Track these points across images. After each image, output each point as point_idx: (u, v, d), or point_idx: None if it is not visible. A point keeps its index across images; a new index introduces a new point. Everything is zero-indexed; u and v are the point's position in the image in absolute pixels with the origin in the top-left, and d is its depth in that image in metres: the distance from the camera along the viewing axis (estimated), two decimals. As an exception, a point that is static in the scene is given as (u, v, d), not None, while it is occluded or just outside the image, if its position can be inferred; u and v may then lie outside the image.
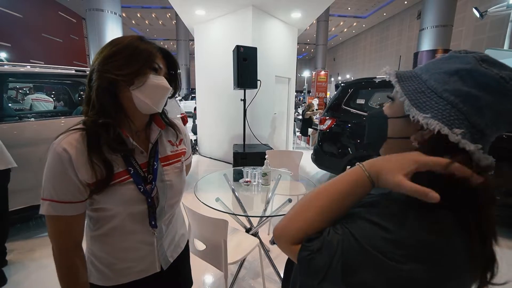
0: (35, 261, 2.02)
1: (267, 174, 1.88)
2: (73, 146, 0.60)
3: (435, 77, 0.40)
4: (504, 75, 0.35)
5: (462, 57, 0.39)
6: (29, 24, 8.84)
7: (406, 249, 0.35)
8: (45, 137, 2.32)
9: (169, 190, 0.74)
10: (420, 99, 0.39)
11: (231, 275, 1.81)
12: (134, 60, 0.62)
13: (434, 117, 0.37)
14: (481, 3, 8.94)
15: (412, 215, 0.37)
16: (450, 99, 0.37)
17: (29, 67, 2.48)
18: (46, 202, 0.60)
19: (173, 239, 0.81)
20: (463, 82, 0.37)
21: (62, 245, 0.63)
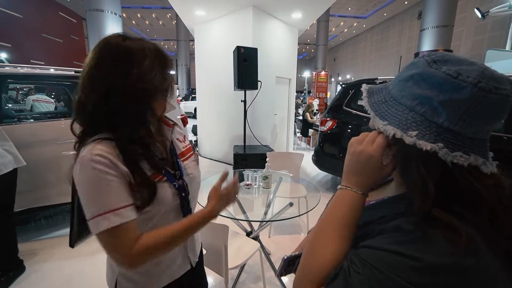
0: (35, 264, 2.00)
1: (268, 177, 1.86)
2: (106, 152, 0.56)
3: (396, 86, 0.42)
4: (451, 72, 0.35)
5: (416, 62, 0.41)
6: (29, 24, 8.84)
7: (439, 275, 0.33)
8: (44, 139, 2.31)
9: (192, 183, 0.76)
10: (382, 109, 0.42)
11: (231, 279, 1.79)
12: (167, 70, 0.64)
13: (391, 124, 0.39)
14: (482, 3, 8.92)
15: (436, 237, 0.34)
16: (407, 104, 0.39)
17: (29, 68, 2.46)
18: (97, 219, 0.54)
19: (194, 235, 0.84)
20: (418, 85, 0.38)
21: (128, 250, 0.56)
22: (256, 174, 1.97)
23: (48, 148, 2.30)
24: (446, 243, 0.33)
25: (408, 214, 0.39)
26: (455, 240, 0.33)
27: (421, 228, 0.35)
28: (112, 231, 0.54)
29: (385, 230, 0.39)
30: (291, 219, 2.09)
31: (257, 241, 1.68)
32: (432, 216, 0.35)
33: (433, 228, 0.35)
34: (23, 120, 2.65)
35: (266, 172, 1.87)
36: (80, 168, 0.55)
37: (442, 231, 0.34)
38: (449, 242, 0.33)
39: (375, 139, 0.42)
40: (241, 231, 1.82)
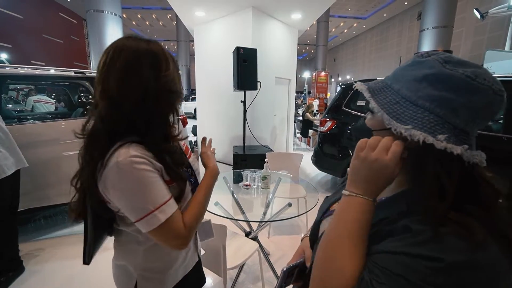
0: (35, 264, 2.01)
1: (266, 178, 1.87)
2: (141, 152, 0.58)
3: (407, 86, 0.40)
4: (469, 74, 0.36)
5: (425, 61, 0.40)
6: (29, 25, 8.85)
7: (457, 273, 0.32)
8: (45, 140, 2.31)
9: (198, 178, 0.81)
10: (397, 111, 0.40)
11: (230, 279, 1.79)
12: (178, 71, 0.66)
13: (416, 127, 0.37)
14: (481, 4, 8.93)
15: (450, 235, 0.34)
16: (426, 105, 0.38)
17: (29, 69, 2.47)
18: (154, 213, 0.57)
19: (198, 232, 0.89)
20: (433, 86, 0.38)
21: (180, 231, 0.61)
22: (255, 174, 1.97)
23: (49, 149, 2.31)
24: (459, 240, 0.33)
25: (413, 213, 0.38)
26: (467, 236, 0.33)
27: (431, 226, 0.35)
28: (165, 225, 0.58)
29: (394, 232, 0.38)
30: (290, 219, 2.09)
31: (256, 241, 1.69)
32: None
33: (442, 225, 0.35)
34: (23, 120, 2.65)
35: (265, 172, 1.87)
36: (120, 172, 0.55)
37: (452, 228, 0.34)
38: (462, 239, 0.33)
39: (390, 147, 0.40)
40: (240, 232, 1.83)
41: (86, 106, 3.69)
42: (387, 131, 0.42)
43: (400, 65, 0.46)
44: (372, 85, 0.46)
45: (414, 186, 0.41)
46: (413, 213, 0.38)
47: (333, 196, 0.61)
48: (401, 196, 0.44)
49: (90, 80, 2.69)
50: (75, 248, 2.22)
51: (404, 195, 0.43)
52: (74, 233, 2.48)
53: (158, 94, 0.60)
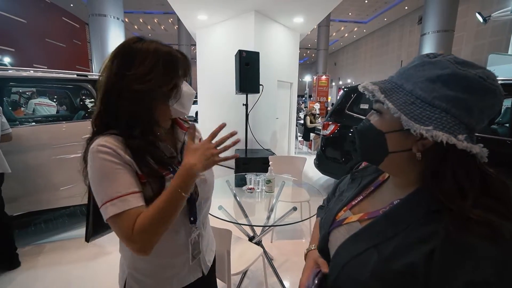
0: (35, 268, 1.98)
1: (271, 181, 1.84)
2: (111, 143, 0.58)
3: (420, 86, 0.40)
4: (481, 74, 0.37)
5: (437, 62, 0.40)
6: (32, 29, 8.93)
7: None
8: (45, 143, 2.29)
9: (203, 185, 0.74)
10: (414, 111, 0.39)
11: (233, 285, 1.75)
12: (171, 73, 0.62)
13: (436, 128, 0.37)
14: (483, 8, 8.96)
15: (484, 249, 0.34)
16: (442, 106, 0.38)
17: (32, 71, 2.47)
18: (106, 204, 0.56)
19: (208, 242, 0.82)
20: (448, 87, 0.38)
21: (128, 234, 0.56)
22: (259, 178, 1.95)
23: (49, 152, 2.29)
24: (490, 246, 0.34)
25: (436, 213, 0.39)
26: (495, 235, 0.34)
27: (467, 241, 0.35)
28: (118, 217, 0.55)
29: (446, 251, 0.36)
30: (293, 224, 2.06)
31: (260, 246, 1.65)
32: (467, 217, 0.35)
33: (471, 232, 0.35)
34: (25, 123, 2.64)
35: (269, 176, 1.85)
36: (90, 159, 0.58)
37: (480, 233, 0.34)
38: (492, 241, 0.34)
39: None
40: (244, 236, 1.79)
41: (88, 109, 3.68)
42: (402, 132, 0.41)
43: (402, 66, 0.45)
44: (382, 85, 0.44)
45: (430, 185, 0.40)
46: (437, 214, 0.38)
47: (336, 205, 0.59)
48: (417, 197, 0.43)
49: (92, 82, 2.68)
50: (75, 252, 2.19)
51: (420, 195, 0.42)
52: (74, 237, 2.45)
53: (121, 91, 0.59)
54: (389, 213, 0.45)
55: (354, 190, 0.58)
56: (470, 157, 0.37)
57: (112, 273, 1.80)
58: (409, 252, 0.39)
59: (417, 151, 0.41)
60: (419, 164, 0.42)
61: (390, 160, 0.45)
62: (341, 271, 0.47)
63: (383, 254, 0.41)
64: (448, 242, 0.36)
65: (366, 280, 0.42)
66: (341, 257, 0.48)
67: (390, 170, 0.49)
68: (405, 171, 0.45)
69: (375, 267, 0.41)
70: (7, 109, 2.68)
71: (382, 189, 0.54)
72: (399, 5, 13.88)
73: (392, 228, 0.43)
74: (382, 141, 0.44)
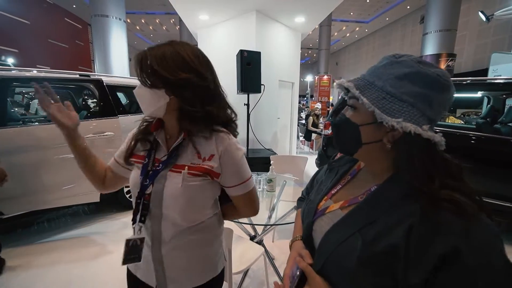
0: (31, 268, 1.99)
1: (272, 181, 1.84)
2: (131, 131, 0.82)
3: (389, 83, 0.45)
4: (438, 73, 0.43)
5: (403, 62, 0.45)
6: (36, 30, 8.98)
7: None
8: (48, 143, 2.30)
9: (165, 197, 0.69)
10: (385, 106, 0.44)
11: (234, 284, 1.76)
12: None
13: (406, 120, 0.42)
14: (485, 6, 8.91)
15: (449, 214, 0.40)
16: (409, 100, 0.43)
17: (35, 72, 2.49)
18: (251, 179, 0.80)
19: (182, 267, 0.73)
20: (413, 84, 0.43)
21: None
22: (260, 177, 1.95)
23: (52, 151, 2.30)
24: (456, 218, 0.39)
25: (411, 197, 0.43)
26: (460, 213, 0.39)
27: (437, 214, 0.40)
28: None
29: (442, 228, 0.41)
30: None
31: (261, 245, 1.65)
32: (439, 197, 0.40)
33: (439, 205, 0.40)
34: (28, 123, 2.66)
35: (271, 175, 1.85)
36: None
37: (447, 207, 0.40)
38: (458, 214, 0.39)
39: None
40: (245, 235, 1.80)
41: (90, 109, 3.70)
42: (375, 124, 0.46)
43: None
44: (357, 82, 0.48)
45: (403, 172, 0.45)
46: (411, 196, 0.43)
47: (317, 195, 0.62)
48: (392, 183, 0.47)
49: (94, 82, 2.70)
50: (77, 252, 2.20)
51: (395, 181, 0.47)
52: (76, 236, 2.46)
53: None
54: (368, 199, 0.49)
55: (332, 180, 0.62)
56: (432, 145, 0.42)
57: (113, 273, 1.82)
58: (390, 234, 0.42)
59: (387, 141, 0.46)
60: (390, 153, 0.47)
61: (364, 150, 0.49)
62: (327, 259, 0.49)
63: (367, 238, 0.45)
64: (422, 220, 0.40)
65: (353, 266, 0.44)
66: (327, 246, 0.50)
67: (364, 159, 0.54)
68: (378, 160, 0.50)
69: (360, 252, 0.44)
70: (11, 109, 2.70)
71: (359, 177, 0.58)
72: (401, 5, 13.82)
73: (373, 213, 0.46)
74: (357, 133, 0.49)
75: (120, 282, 1.77)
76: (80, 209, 2.98)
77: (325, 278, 0.49)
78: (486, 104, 3.40)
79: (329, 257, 0.49)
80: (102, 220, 2.73)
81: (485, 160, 2.47)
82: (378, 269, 0.43)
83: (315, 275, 0.50)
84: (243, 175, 0.75)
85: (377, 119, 0.44)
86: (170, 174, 0.70)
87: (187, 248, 0.72)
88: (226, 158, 0.71)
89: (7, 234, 2.46)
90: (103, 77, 2.80)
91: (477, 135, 2.52)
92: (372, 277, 0.43)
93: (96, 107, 3.17)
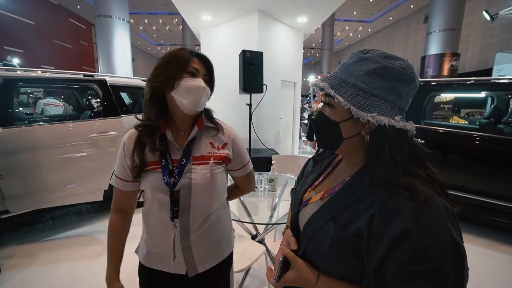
0: (36, 265, 2.01)
1: (273, 180, 1.85)
2: (129, 138, 0.77)
3: (361, 79, 0.48)
4: (403, 66, 0.46)
5: (371, 57, 0.48)
6: (40, 31, 9.06)
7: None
8: (55, 142, 2.33)
9: (194, 189, 0.75)
10: (359, 102, 0.47)
11: (236, 283, 1.77)
12: (170, 67, 0.72)
13: (380, 114, 0.45)
14: (490, 6, 8.81)
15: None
16: (380, 94, 0.46)
17: (40, 72, 2.52)
18: (114, 175, 0.79)
19: (207, 248, 0.81)
20: (382, 78, 0.46)
21: (112, 207, 0.82)
22: (262, 176, 1.96)
23: (56, 150, 2.33)
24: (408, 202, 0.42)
25: (377, 184, 0.47)
26: (415, 197, 0.42)
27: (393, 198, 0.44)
28: (114, 187, 0.83)
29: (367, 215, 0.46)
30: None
31: (263, 244, 1.66)
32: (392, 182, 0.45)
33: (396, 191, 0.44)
34: (33, 123, 2.70)
35: (272, 174, 1.85)
36: None
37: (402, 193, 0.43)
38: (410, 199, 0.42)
39: None
40: (246, 234, 1.81)
41: (94, 109, 3.74)
42: (352, 120, 0.49)
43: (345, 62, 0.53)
44: (331, 81, 0.51)
45: (372, 161, 0.49)
46: (378, 185, 0.47)
47: (302, 187, 0.67)
48: (363, 173, 0.51)
49: (98, 82, 2.73)
50: (80, 250, 2.23)
51: (365, 171, 0.51)
52: (80, 235, 2.49)
53: (146, 85, 0.78)
54: (343, 188, 0.54)
55: (316, 173, 0.66)
56: (404, 132, 0.46)
57: (117, 270, 1.83)
58: (358, 219, 0.47)
59: (365, 134, 0.49)
60: (366, 144, 0.50)
61: (344, 144, 0.52)
62: (307, 244, 0.56)
63: (339, 224, 0.50)
64: (382, 206, 0.44)
65: (326, 248, 0.50)
66: (307, 233, 0.56)
67: (344, 152, 0.57)
68: (355, 151, 0.53)
69: (333, 236, 0.49)
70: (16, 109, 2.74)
71: (338, 168, 0.62)
72: (404, 4, 13.72)
73: (346, 201, 0.51)
74: (337, 130, 0.51)
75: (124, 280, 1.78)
76: (83, 207, 3.01)
77: (307, 260, 0.55)
78: (490, 104, 3.37)
79: (309, 242, 0.55)
80: (106, 219, 2.75)
81: (488, 161, 2.46)
82: (348, 251, 0.48)
83: (297, 258, 0.56)
84: (245, 158, 0.91)
85: (353, 115, 0.47)
86: (195, 167, 0.76)
87: (210, 231, 0.81)
88: (235, 146, 0.85)
89: (12, 232, 2.50)
90: (106, 77, 2.83)
91: (480, 135, 2.51)
92: (343, 258, 0.49)
93: (100, 107, 3.20)
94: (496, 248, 2.39)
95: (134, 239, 0.91)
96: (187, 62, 0.73)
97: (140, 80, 3.38)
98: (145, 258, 0.82)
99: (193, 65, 0.74)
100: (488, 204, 2.38)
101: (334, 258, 0.50)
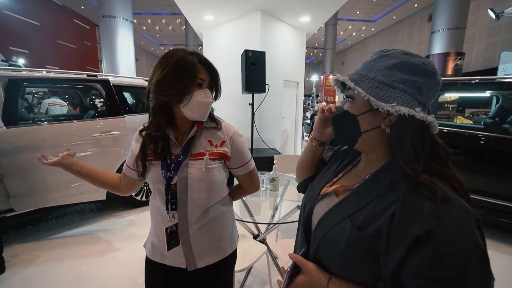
0: (38, 265, 2.03)
1: (275, 180, 1.84)
2: (136, 141, 0.84)
3: (381, 73, 0.49)
4: (423, 61, 0.48)
5: (391, 54, 0.49)
6: (45, 31, 9.16)
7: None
8: (59, 141, 2.35)
9: (190, 182, 0.79)
10: (379, 93, 0.47)
11: (237, 282, 1.77)
12: (179, 78, 0.72)
13: (399, 104, 0.45)
14: (495, 4, 8.70)
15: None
16: (400, 87, 0.47)
17: (45, 72, 2.54)
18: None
19: (207, 244, 0.84)
20: (402, 72, 0.47)
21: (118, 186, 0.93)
22: (264, 176, 1.95)
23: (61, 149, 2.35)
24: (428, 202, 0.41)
25: (396, 184, 0.46)
26: (437, 197, 0.41)
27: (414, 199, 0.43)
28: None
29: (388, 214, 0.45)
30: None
31: (264, 244, 1.66)
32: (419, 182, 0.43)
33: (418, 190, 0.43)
34: (38, 122, 2.73)
35: (274, 174, 1.85)
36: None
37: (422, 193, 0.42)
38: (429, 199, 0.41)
39: None
40: (248, 234, 1.81)
41: (97, 109, 3.77)
42: (371, 112, 0.49)
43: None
44: (351, 76, 0.52)
45: (394, 153, 0.48)
46: (397, 184, 0.46)
47: (319, 182, 0.66)
48: (383, 171, 0.51)
49: (102, 82, 2.74)
50: (84, 248, 2.25)
51: (385, 169, 0.50)
52: (83, 233, 2.51)
53: (152, 95, 0.76)
54: (361, 186, 0.53)
55: (335, 169, 0.65)
56: (425, 126, 0.46)
57: (120, 269, 1.86)
58: (377, 219, 0.45)
59: (385, 126, 0.49)
60: (387, 140, 0.50)
61: (363, 139, 0.52)
62: (320, 242, 0.53)
63: (356, 223, 0.48)
64: (403, 205, 0.43)
65: (342, 247, 0.48)
66: (321, 230, 0.55)
67: (363, 148, 0.56)
68: (375, 148, 0.53)
69: (349, 235, 0.47)
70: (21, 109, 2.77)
71: (358, 166, 0.61)
72: (408, 3, 13.62)
73: (363, 200, 0.50)
74: (356, 123, 0.51)
75: (127, 279, 1.80)
76: (86, 206, 3.04)
77: (319, 262, 0.54)
78: (495, 104, 3.33)
79: (321, 240, 0.53)
80: (109, 218, 2.78)
81: (493, 161, 2.43)
82: (364, 252, 0.46)
83: (307, 262, 0.54)
84: (246, 156, 0.91)
85: (373, 107, 0.48)
86: (191, 162, 0.80)
87: (209, 226, 0.84)
88: (233, 144, 0.86)
89: (17, 230, 2.53)
90: (110, 77, 2.85)
91: (485, 135, 2.48)
92: (358, 259, 0.47)
93: (103, 107, 3.22)
94: (499, 249, 2.36)
95: (143, 237, 0.95)
96: (195, 73, 0.74)
97: (143, 80, 3.40)
98: (149, 251, 0.86)
99: (200, 76, 0.76)
100: (492, 205, 2.36)
101: (348, 258, 0.48)
